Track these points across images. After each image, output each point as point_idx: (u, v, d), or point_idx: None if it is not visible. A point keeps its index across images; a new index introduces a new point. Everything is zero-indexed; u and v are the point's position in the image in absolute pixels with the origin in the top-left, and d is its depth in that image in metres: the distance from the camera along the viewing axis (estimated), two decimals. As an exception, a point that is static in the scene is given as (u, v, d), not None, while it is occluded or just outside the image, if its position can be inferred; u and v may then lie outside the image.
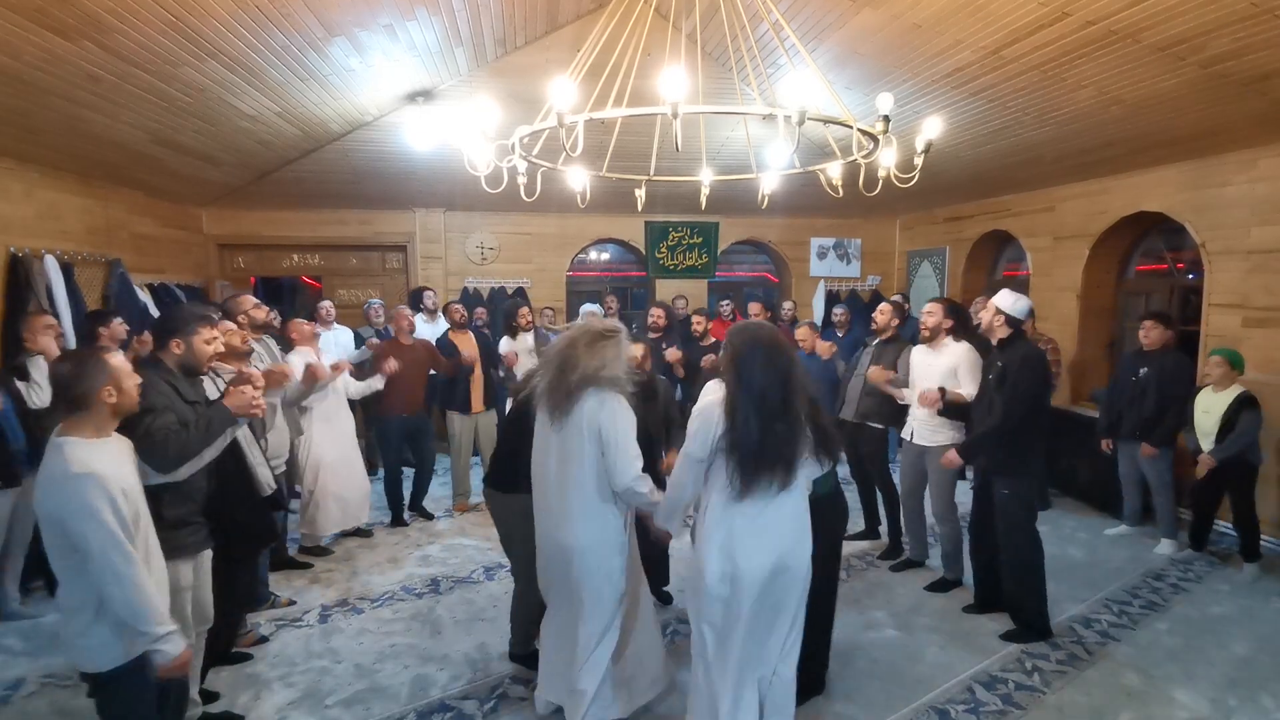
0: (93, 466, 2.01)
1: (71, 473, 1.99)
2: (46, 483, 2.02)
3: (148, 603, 2.06)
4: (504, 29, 4.28)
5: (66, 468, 2.00)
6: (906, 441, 4.27)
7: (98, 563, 1.98)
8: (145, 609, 2.05)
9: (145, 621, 2.05)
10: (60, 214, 5.03)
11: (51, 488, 2.01)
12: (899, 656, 3.47)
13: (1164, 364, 4.65)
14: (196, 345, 2.76)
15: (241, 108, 4.42)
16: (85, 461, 2.01)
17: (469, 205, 7.69)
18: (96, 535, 1.97)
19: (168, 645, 2.09)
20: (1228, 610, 3.93)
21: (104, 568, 1.99)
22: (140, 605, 2.04)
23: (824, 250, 8.81)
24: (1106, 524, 5.19)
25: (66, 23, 3.00)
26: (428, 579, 4.37)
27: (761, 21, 3.59)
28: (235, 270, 7.66)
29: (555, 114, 2.28)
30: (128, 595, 2.02)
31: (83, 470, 1.99)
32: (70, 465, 2.00)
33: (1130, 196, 5.62)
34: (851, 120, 2.55)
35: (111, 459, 2.10)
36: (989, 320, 3.66)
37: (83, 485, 1.98)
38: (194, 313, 2.90)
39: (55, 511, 2.00)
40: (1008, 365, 3.53)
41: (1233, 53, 3.34)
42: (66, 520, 1.97)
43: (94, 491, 1.98)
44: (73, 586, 2.06)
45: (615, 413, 2.59)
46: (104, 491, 1.99)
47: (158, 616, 2.08)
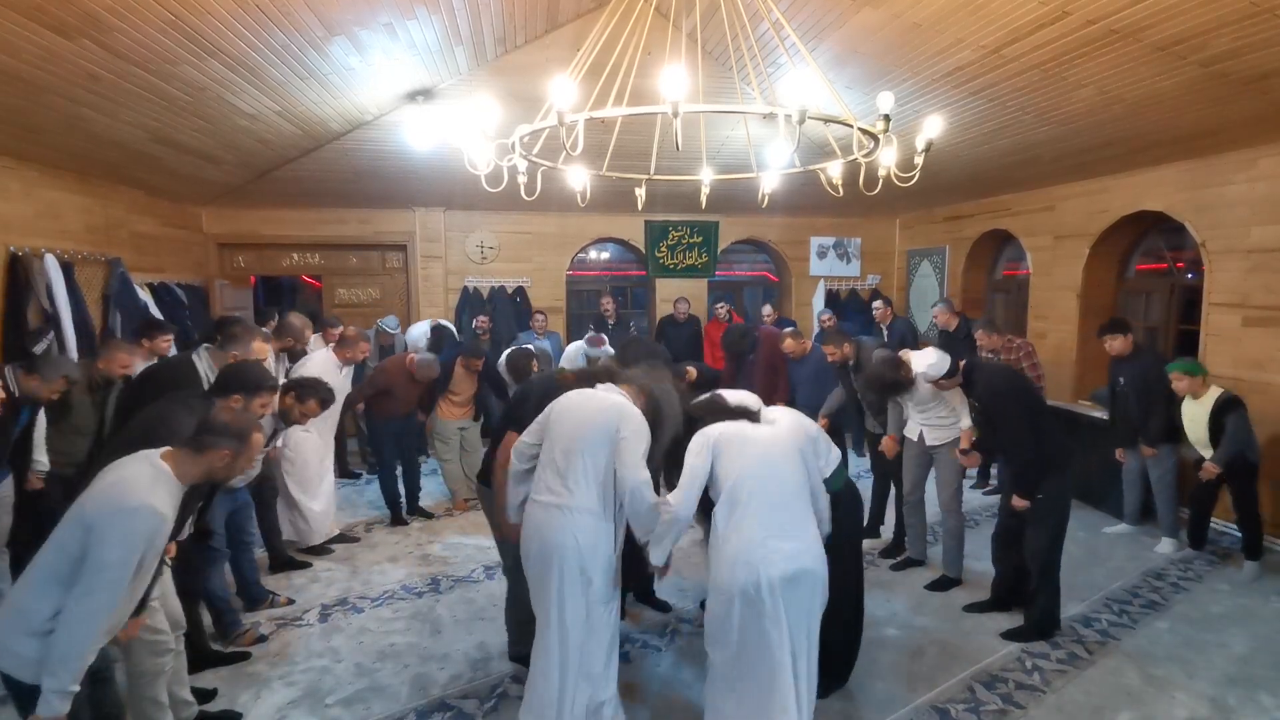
0: (163, 508, 2.03)
1: (145, 503, 1.99)
2: (113, 489, 2.01)
3: (83, 658, 1.96)
4: (504, 28, 4.28)
5: (145, 496, 2.00)
6: (910, 440, 4.30)
7: (88, 588, 1.93)
8: (79, 662, 1.95)
9: (69, 668, 1.93)
10: (60, 213, 5.03)
11: (114, 497, 1.98)
12: (899, 655, 3.47)
13: (1134, 369, 4.71)
14: (254, 408, 2.86)
15: (241, 106, 4.42)
16: (163, 499, 2.04)
17: (469, 204, 7.69)
18: (115, 566, 1.94)
19: (61, 704, 1.92)
20: (1227, 609, 3.93)
21: (89, 596, 1.93)
22: (82, 652, 1.95)
23: (824, 249, 8.81)
24: (1106, 522, 5.19)
25: (66, 21, 3.00)
26: (428, 578, 4.37)
27: (762, 20, 3.59)
28: (235, 269, 7.66)
29: (555, 113, 2.28)
30: (83, 635, 1.94)
31: (151, 503, 2.00)
32: (151, 496, 2.01)
33: (1130, 196, 5.62)
34: (852, 119, 2.54)
35: (173, 505, 2.11)
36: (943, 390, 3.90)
37: (145, 519, 1.98)
38: (265, 375, 3.02)
39: (97, 520, 1.95)
40: (983, 401, 3.71)
41: (1233, 52, 3.34)
42: (102, 534, 1.93)
43: (148, 529, 1.98)
44: (43, 590, 1.98)
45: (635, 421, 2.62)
46: (150, 535, 1.99)
47: (77, 676, 1.95)
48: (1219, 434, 4.22)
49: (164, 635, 2.57)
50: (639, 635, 3.66)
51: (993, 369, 3.86)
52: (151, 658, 2.54)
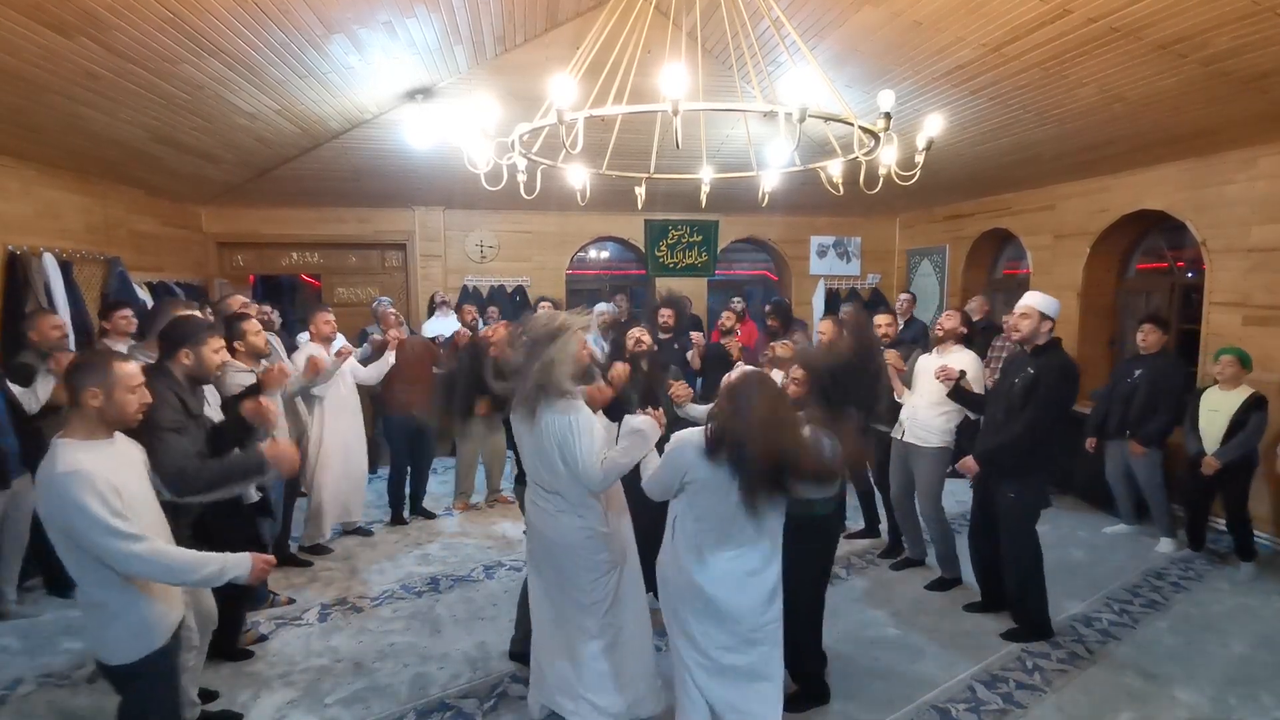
0: (78, 465, 1.99)
1: (57, 471, 1.98)
2: (39, 483, 2.02)
3: (182, 558, 2.07)
4: (503, 26, 4.27)
5: (53, 466, 1.99)
6: (896, 440, 4.27)
7: (107, 553, 1.97)
8: (184, 564, 2.06)
9: (194, 572, 2.08)
10: (59, 212, 5.02)
11: (44, 491, 2.00)
12: (899, 655, 3.46)
13: (1157, 365, 4.68)
14: (205, 355, 2.75)
15: (241, 105, 4.41)
16: (72, 460, 2.00)
17: (468, 203, 7.68)
18: (90, 527, 1.95)
19: (232, 572, 2.13)
20: (1228, 608, 3.93)
21: (117, 556, 1.98)
22: (179, 564, 2.06)
23: (824, 248, 8.80)
24: (1106, 522, 5.19)
25: (65, 19, 2.99)
26: (427, 578, 4.37)
27: (762, 19, 3.58)
28: (234, 268, 7.65)
29: (555, 111, 2.27)
30: (159, 564, 2.02)
31: (67, 468, 1.98)
32: (56, 464, 1.99)
33: (1131, 194, 5.61)
34: (852, 118, 2.54)
35: (104, 460, 2.07)
36: (1032, 327, 3.47)
37: (67, 482, 1.96)
38: (203, 322, 2.91)
39: (48, 511, 1.99)
40: (1041, 374, 3.38)
41: (1233, 51, 3.33)
42: (64, 523, 1.97)
43: (78, 486, 1.95)
44: (84, 582, 2.07)
45: (567, 428, 2.55)
46: (89, 486, 1.96)
47: (200, 561, 2.10)
48: (1236, 429, 4.21)
49: (191, 631, 2.60)
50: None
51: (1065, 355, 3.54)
52: None
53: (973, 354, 4.11)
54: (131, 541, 1.98)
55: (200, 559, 2.11)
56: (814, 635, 3.10)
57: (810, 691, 3.06)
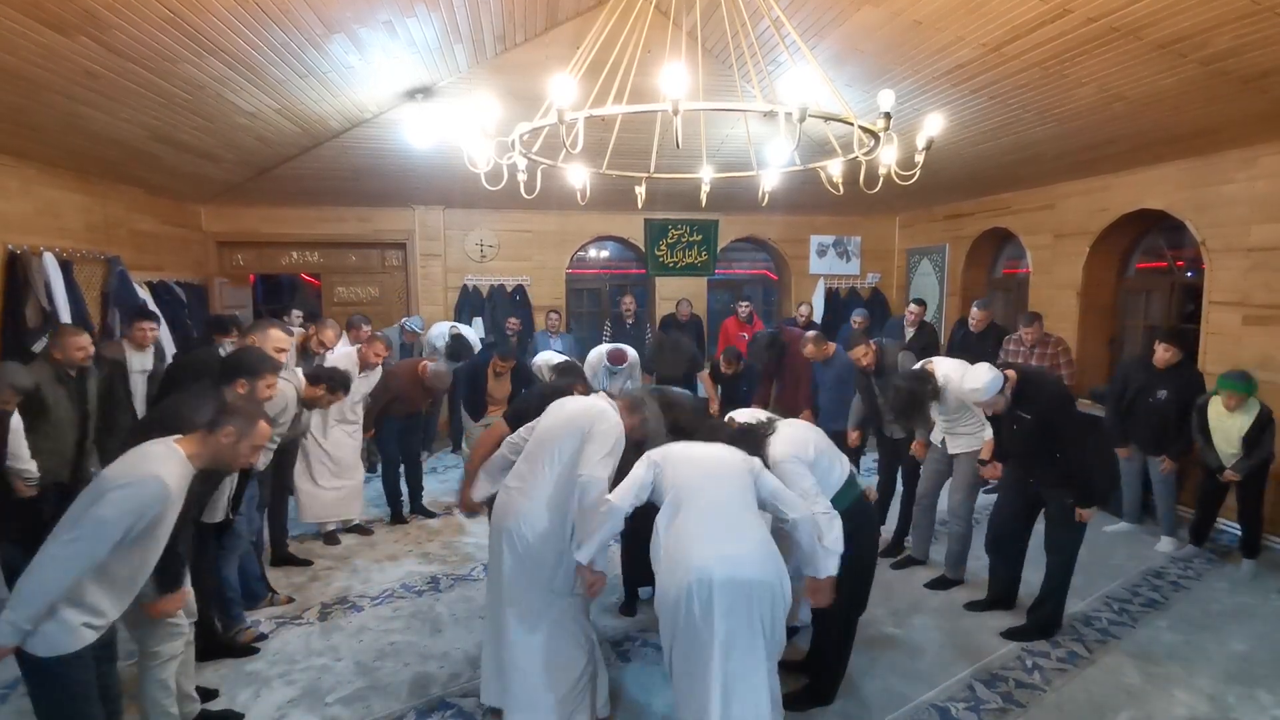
0: (169, 481, 2.08)
1: (152, 471, 2.06)
2: (131, 462, 2.09)
3: (46, 601, 2.01)
4: (503, 25, 4.27)
5: (155, 465, 2.08)
6: (935, 446, 4.32)
7: (74, 535, 2.01)
8: (42, 601, 2.00)
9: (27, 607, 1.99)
10: (59, 211, 5.02)
11: (131, 468, 2.07)
12: (899, 654, 3.47)
13: (1181, 384, 4.58)
14: (260, 390, 2.89)
15: (241, 105, 4.41)
16: (175, 475, 2.11)
17: (468, 203, 7.68)
18: (103, 524, 2.00)
19: (12, 636, 2.00)
20: (1227, 607, 3.93)
21: (71, 544, 2.01)
22: (43, 595, 2.00)
23: (823, 248, 8.81)
24: (1105, 521, 5.19)
25: (64, 18, 2.99)
26: (427, 576, 4.37)
27: (762, 18, 3.58)
28: (234, 267, 7.65)
29: (555, 110, 2.27)
30: (50, 578, 2.00)
31: (162, 476, 2.07)
32: (164, 470, 2.08)
33: (1131, 194, 5.61)
34: (852, 117, 2.54)
35: (180, 487, 2.16)
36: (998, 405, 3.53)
37: (150, 485, 2.04)
38: (266, 358, 3.07)
39: (110, 483, 2.05)
40: (1042, 416, 3.44)
41: (1233, 50, 3.33)
42: (109, 495, 2.02)
43: (148, 496, 2.03)
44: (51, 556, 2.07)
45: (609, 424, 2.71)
46: (154, 505, 2.05)
47: (34, 618, 2.00)
48: (1251, 446, 4.16)
49: (180, 621, 2.62)
50: (637, 634, 3.66)
51: (1043, 380, 3.63)
52: (166, 641, 2.58)
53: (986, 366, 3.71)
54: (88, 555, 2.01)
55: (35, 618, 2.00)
56: (847, 637, 3.07)
57: (818, 690, 3.06)
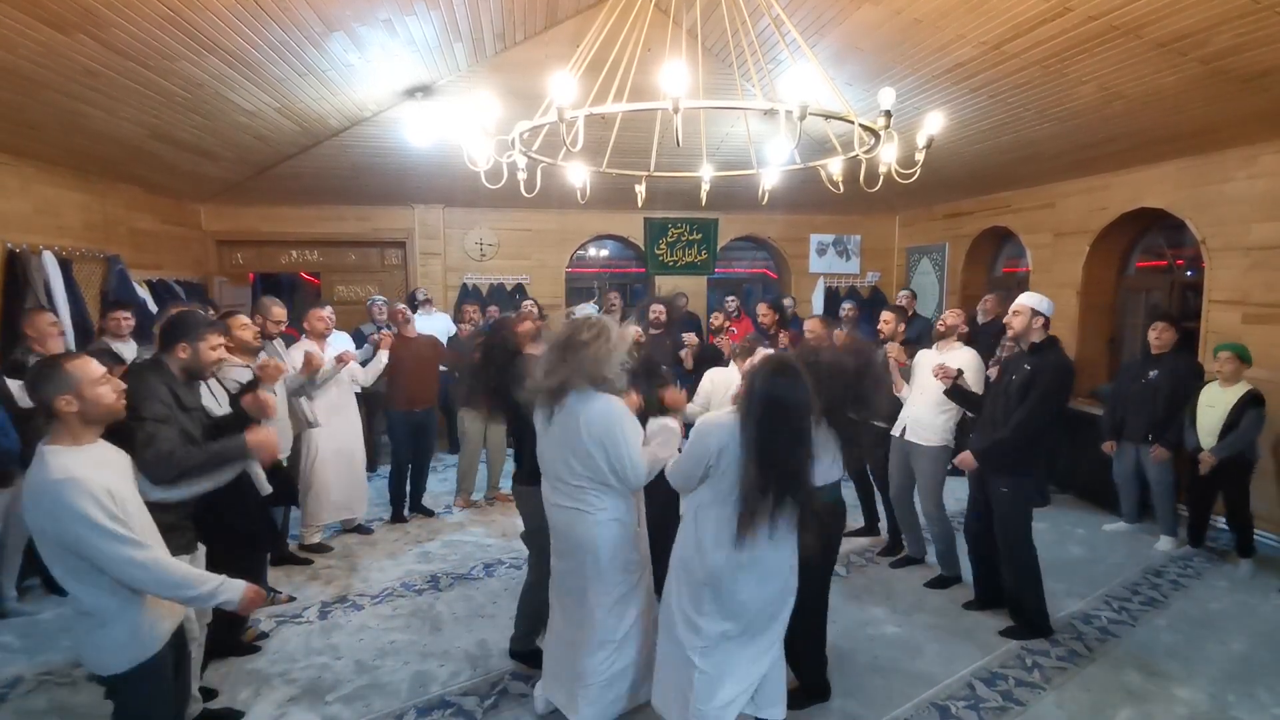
0: (71, 472, 1.95)
1: (50, 479, 1.94)
2: (29, 492, 1.99)
3: (179, 572, 2.06)
4: (503, 24, 4.26)
5: (45, 475, 1.95)
6: (895, 438, 4.26)
7: (108, 560, 1.94)
8: (179, 578, 2.05)
9: (188, 588, 2.06)
10: (58, 209, 5.01)
11: (34, 497, 1.97)
12: (899, 653, 3.47)
13: (1175, 366, 4.63)
14: (203, 351, 2.74)
15: (240, 103, 4.41)
16: (63, 467, 1.96)
17: (468, 201, 7.67)
18: (91, 535, 1.92)
19: (225, 596, 2.11)
20: (1226, 606, 3.93)
21: (116, 562, 1.95)
22: (175, 577, 2.04)
23: (823, 246, 8.81)
24: (1105, 520, 5.20)
25: (63, 16, 2.99)
26: (428, 575, 4.37)
27: (762, 16, 3.58)
28: (234, 266, 7.64)
29: (556, 109, 2.27)
30: (155, 575, 2.00)
31: (61, 476, 1.94)
32: (48, 472, 1.95)
33: (1131, 192, 5.61)
34: (852, 115, 2.54)
35: (93, 464, 2.04)
36: (1024, 323, 3.49)
37: (62, 490, 1.92)
38: (201, 318, 2.90)
39: (41, 520, 1.95)
40: (1037, 371, 3.42)
41: (1233, 49, 3.33)
42: (60, 531, 1.93)
43: (74, 494, 1.92)
44: (77, 591, 2.03)
45: (614, 418, 2.56)
46: (85, 492, 1.93)
47: (196, 579, 2.08)
48: (1232, 426, 4.21)
49: (191, 623, 2.60)
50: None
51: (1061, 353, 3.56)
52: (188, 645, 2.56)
53: (973, 352, 4.10)
54: (132, 547, 1.96)
55: (196, 576, 2.09)
56: (818, 630, 3.10)
57: (811, 688, 3.07)
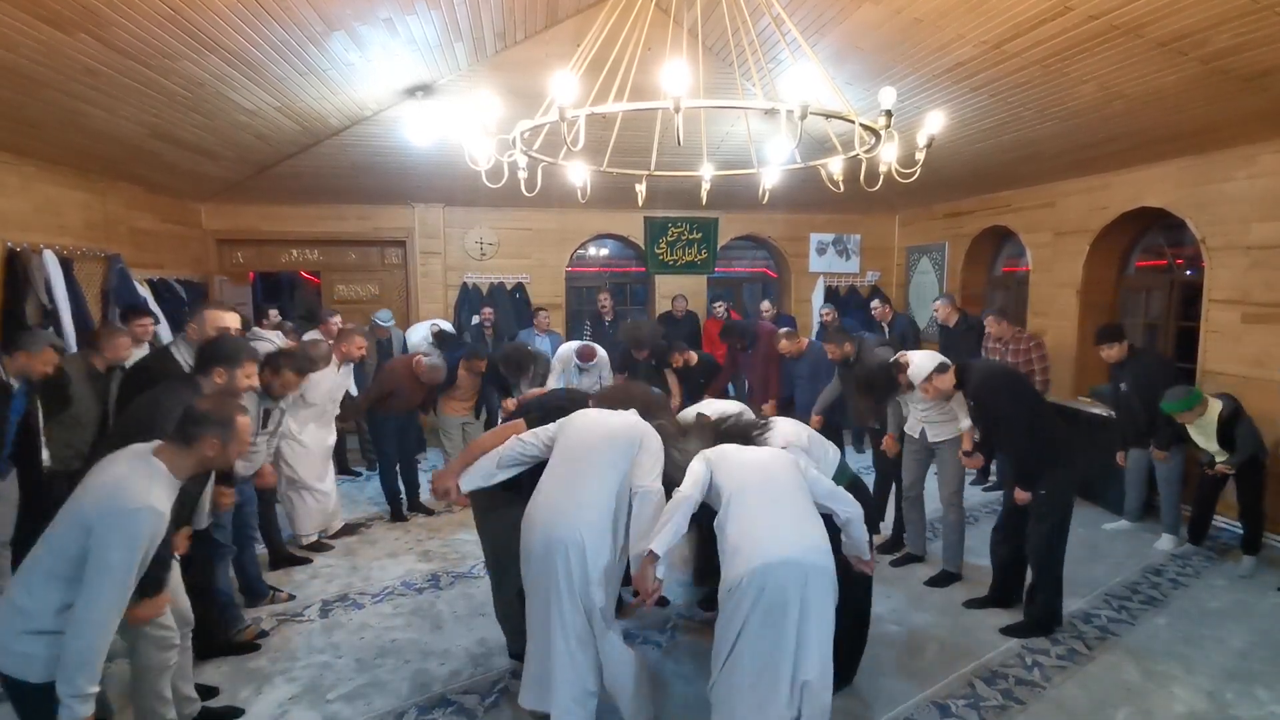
0: (162, 505, 2.00)
1: (145, 502, 1.97)
2: (110, 491, 1.98)
3: (98, 660, 1.95)
4: (504, 23, 4.26)
5: (144, 495, 1.97)
6: (911, 437, 4.31)
7: (99, 591, 1.92)
8: (94, 663, 1.94)
9: (84, 673, 1.91)
10: (59, 208, 5.01)
11: (112, 499, 1.96)
12: (899, 651, 3.48)
13: (1136, 372, 4.68)
14: (239, 379, 2.79)
15: (241, 102, 4.41)
16: (161, 497, 2.01)
17: (468, 200, 7.67)
18: (118, 568, 1.93)
19: (84, 707, 1.92)
20: (1225, 604, 3.94)
21: (100, 599, 1.93)
22: (95, 654, 1.94)
23: (823, 246, 8.81)
24: (1105, 518, 5.20)
25: (63, 15, 2.98)
26: (428, 574, 4.37)
27: (762, 16, 3.58)
28: (234, 265, 7.65)
29: (557, 108, 2.27)
30: (94, 638, 1.93)
31: (156, 504, 1.98)
32: (149, 494, 1.99)
33: (1131, 192, 5.61)
34: (853, 115, 2.54)
35: (168, 504, 2.08)
36: (943, 389, 3.79)
37: (146, 519, 1.96)
38: (245, 345, 2.96)
39: (97, 522, 1.94)
40: (977, 399, 3.72)
41: (1234, 49, 3.34)
42: (102, 536, 1.92)
43: (149, 529, 1.96)
44: (42, 590, 1.97)
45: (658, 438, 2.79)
46: (151, 529, 1.97)
47: (94, 678, 1.94)
48: (1230, 442, 4.20)
49: (170, 631, 2.58)
50: (638, 631, 3.66)
51: (985, 367, 3.84)
52: (158, 652, 2.54)
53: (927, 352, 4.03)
54: (120, 601, 1.95)
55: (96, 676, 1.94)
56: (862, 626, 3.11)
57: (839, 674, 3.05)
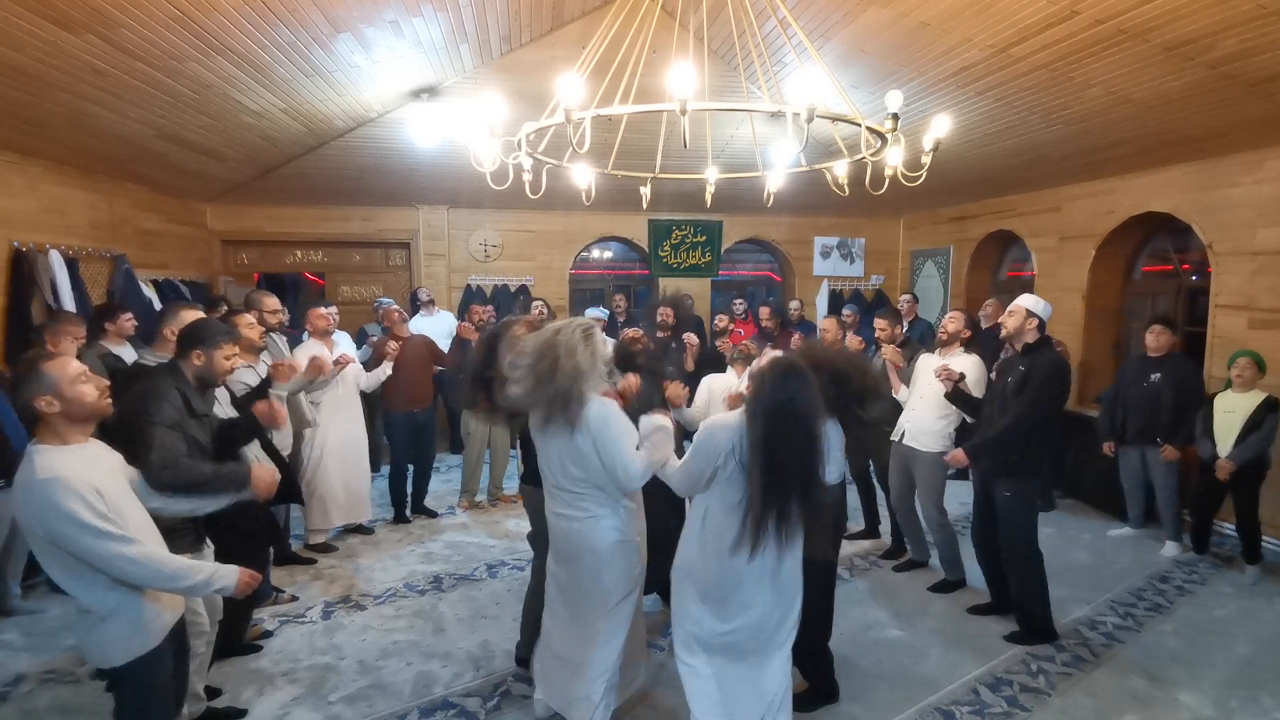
0: (55, 470, 1.95)
1: (36, 479, 1.94)
2: (18, 492, 1.99)
3: (172, 564, 2.05)
4: (509, 25, 4.27)
5: (31, 474, 1.95)
6: (895, 442, 4.25)
7: (98, 557, 1.95)
8: (173, 570, 2.05)
9: (184, 578, 2.06)
10: (65, 208, 5.03)
11: (22, 496, 1.97)
12: (903, 657, 3.46)
13: (1176, 368, 4.66)
14: (217, 360, 2.77)
15: (247, 104, 4.42)
16: (48, 466, 1.96)
17: (472, 202, 7.69)
18: (80, 534, 1.93)
19: (220, 583, 2.12)
20: (1230, 612, 3.92)
21: (106, 558, 1.96)
22: (168, 569, 2.04)
23: (827, 249, 8.80)
24: (1110, 526, 5.18)
25: (71, 16, 3.00)
26: (430, 576, 4.37)
27: (768, 19, 3.58)
28: (239, 266, 7.66)
29: (563, 110, 2.27)
30: (148, 569, 2.01)
31: (46, 475, 1.94)
32: (35, 472, 1.96)
33: (1137, 197, 5.60)
34: (860, 118, 2.54)
35: (80, 463, 2.04)
36: (1017, 324, 3.55)
37: (49, 489, 1.93)
38: (220, 326, 2.94)
39: (30, 519, 1.96)
40: (1031, 371, 3.44)
41: (1240, 54, 3.33)
42: (47, 530, 1.94)
43: (60, 493, 1.92)
44: (73, 588, 2.03)
45: (604, 418, 2.51)
46: (72, 491, 1.93)
47: (190, 569, 2.08)
48: (1251, 431, 4.20)
49: (202, 618, 2.61)
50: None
51: (1054, 351, 3.58)
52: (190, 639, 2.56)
53: (976, 358, 4.09)
54: (121, 544, 1.97)
55: (190, 566, 2.09)
56: (823, 630, 3.09)
57: (820, 690, 3.06)
